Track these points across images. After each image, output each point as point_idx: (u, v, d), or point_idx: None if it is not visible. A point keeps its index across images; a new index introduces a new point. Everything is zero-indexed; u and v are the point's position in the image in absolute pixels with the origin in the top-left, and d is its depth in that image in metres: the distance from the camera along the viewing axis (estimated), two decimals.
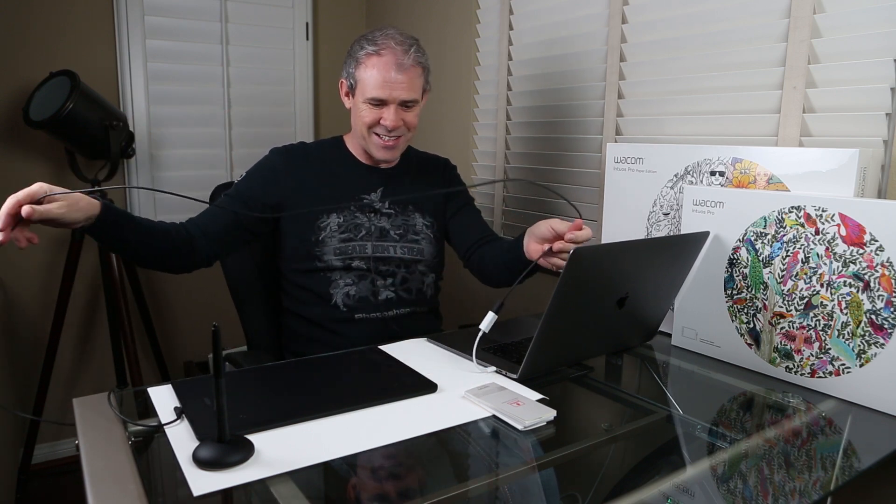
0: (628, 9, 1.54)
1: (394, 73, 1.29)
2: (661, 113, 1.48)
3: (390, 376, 1.04)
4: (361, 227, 1.38)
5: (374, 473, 0.76)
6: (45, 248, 2.19)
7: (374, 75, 1.30)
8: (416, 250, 1.42)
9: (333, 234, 1.36)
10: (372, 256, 1.37)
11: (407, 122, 1.35)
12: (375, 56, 1.30)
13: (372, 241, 1.38)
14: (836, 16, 1.15)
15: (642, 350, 1.24)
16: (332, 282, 1.36)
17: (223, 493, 0.69)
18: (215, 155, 2.40)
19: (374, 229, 1.39)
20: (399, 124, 1.33)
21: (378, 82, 1.30)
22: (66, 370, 2.27)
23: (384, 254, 1.38)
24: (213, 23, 2.33)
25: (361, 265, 1.37)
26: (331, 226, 1.36)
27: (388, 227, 1.40)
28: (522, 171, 1.91)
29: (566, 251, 1.15)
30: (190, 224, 1.30)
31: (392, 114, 1.32)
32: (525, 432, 0.86)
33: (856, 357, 0.98)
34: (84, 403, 0.92)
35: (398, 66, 1.29)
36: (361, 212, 1.39)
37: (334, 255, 1.35)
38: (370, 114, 1.33)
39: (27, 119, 1.86)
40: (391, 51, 1.30)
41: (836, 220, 0.99)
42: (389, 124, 1.32)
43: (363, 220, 1.39)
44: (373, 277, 1.38)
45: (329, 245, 1.35)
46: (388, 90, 1.30)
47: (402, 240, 1.41)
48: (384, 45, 1.30)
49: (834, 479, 0.77)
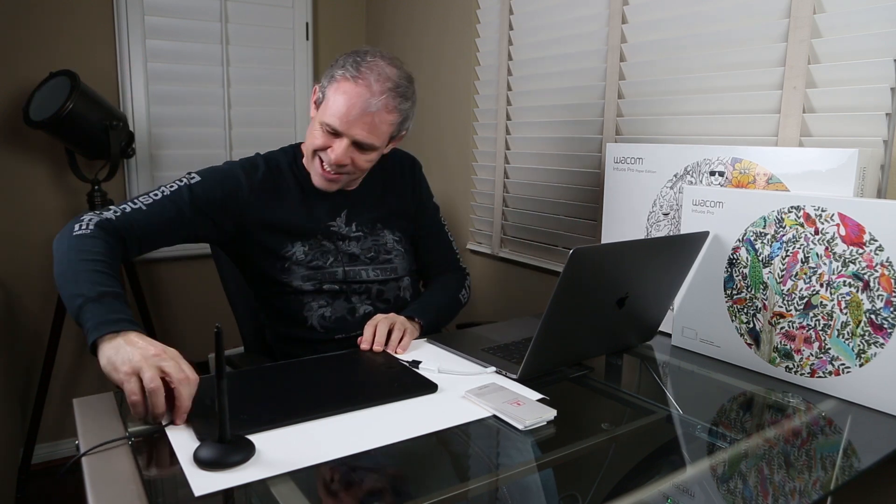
0: (628, 9, 1.54)
1: (358, 110, 1.17)
2: (661, 113, 1.48)
3: (391, 376, 1.04)
4: (329, 253, 1.30)
5: (375, 474, 0.76)
6: (45, 248, 2.19)
7: (339, 102, 1.17)
8: (389, 269, 1.35)
9: (300, 262, 1.28)
10: (344, 280, 1.30)
11: (356, 163, 1.23)
12: (350, 82, 1.17)
13: (343, 267, 1.30)
14: (836, 16, 1.15)
15: (642, 350, 1.25)
16: (305, 304, 1.29)
17: (224, 493, 0.69)
18: (215, 155, 2.40)
19: (343, 256, 1.31)
20: (345, 162, 1.21)
21: (338, 111, 1.17)
22: (66, 370, 2.27)
23: (357, 278, 1.31)
24: (213, 23, 2.33)
25: (334, 286, 1.29)
26: (296, 255, 1.28)
27: (357, 251, 1.32)
28: (522, 170, 1.92)
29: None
30: (121, 226, 1.11)
31: (342, 149, 1.19)
32: (525, 432, 0.86)
33: (855, 357, 0.98)
34: (84, 403, 0.92)
35: (366, 104, 1.16)
36: (328, 239, 1.30)
37: (303, 280, 1.28)
38: (321, 138, 1.21)
39: (27, 119, 1.86)
40: (367, 85, 1.17)
41: (836, 219, 0.99)
42: (333, 157, 1.20)
43: (330, 247, 1.30)
44: (347, 295, 1.31)
45: (296, 273, 1.28)
46: (344, 124, 1.18)
47: (374, 262, 1.34)
48: (365, 74, 1.17)
49: (834, 479, 0.77)
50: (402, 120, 1.24)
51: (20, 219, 2.13)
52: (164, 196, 1.19)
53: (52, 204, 2.18)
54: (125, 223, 1.12)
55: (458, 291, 1.45)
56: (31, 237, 2.16)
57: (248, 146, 2.45)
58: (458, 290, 1.45)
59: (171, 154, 2.33)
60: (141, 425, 0.84)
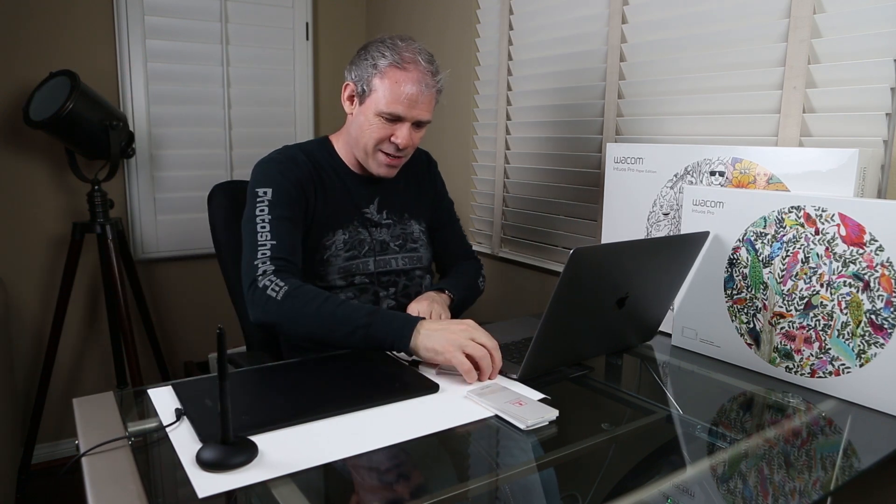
0: (628, 9, 1.54)
1: (418, 92, 1.23)
2: (661, 113, 1.48)
3: (393, 377, 1.04)
4: (364, 242, 1.35)
5: (378, 474, 0.76)
6: (45, 248, 2.19)
7: (396, 90, 1.22)
8: (415, 258, 1.42)
9: (339, 252, 1.32)
10: (375, 272, 1.36)
11: (415, 142, 1.30)
12: (400, 70, 1.22)
13: (374, 257, 1.35)
14: (836, 16, 1.15)
15: (642, 350, 1.25)
16: None
17: (227, 494, 0.69)
18: (215, 155, 2.40)
19: (376, 244, 1.36)
20: (410, 143, 1.28)
21: (398, 98, 1.22)
22: (66, 370, 2.27)
23: (386, 268, 1.37)
24: (213, 23, 2.33)
25: (364, 280, 1.35)
26: (336, 243, 1.32)
27: (387, 238, 1.38)
28: (522, 170, 1.92)
29: None
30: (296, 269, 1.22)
31: (406, 132, 1.26)
32: (527, 432, 0.86)
33: (856, 357, 0.98)
34: (84, 403, 0.92)
35: (425, 85, 1.23)
36: (364, 226, 1.36)
37: (338, 274, 1.32)
38: (381, 129, 1.26)
39: (27, 119, 1.86)
40: (418, 68, 1.23)
41: (836, 220, 0.99)
42: (401, 142, 1.26)
43: (365, 234, 1.36)
44: (375, 290, 1.36)
45: (334, 265, 1.32)
46: (409, 108, 1.23)
47: (402, 250, 1.40)
48: (411, 59, 1.23)
49: (834, 479, 0.77)
50: (438, 95, 1.31)
51: (20, 219, 2.14)
52: (270, 219, 1.23)
53: (52, 204, 2.18)
54: (283, 254, 1.20)
55: (477, 278, 1.51)
56: (31, 237, 2.16)
57: (248, 146, 2.45)
58: (476, 276, 1.51)
59: (171, 154, 2.33)
60: (141, 425, 0.85)
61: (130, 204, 2.28)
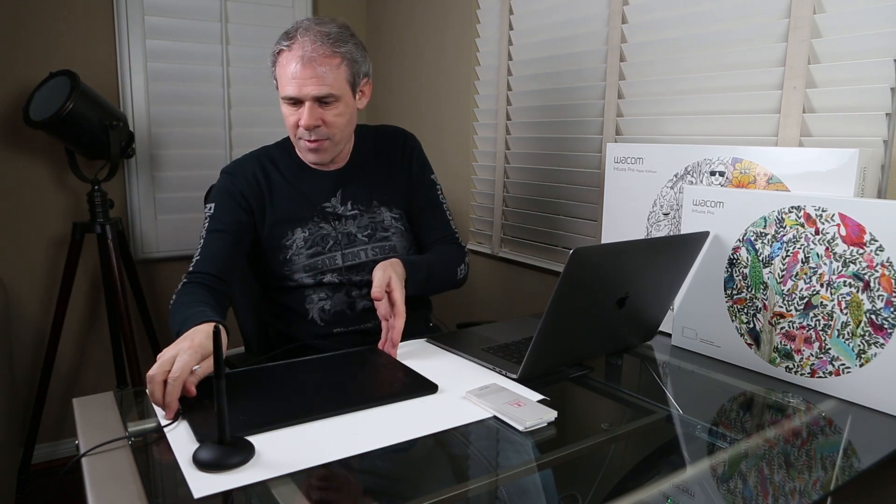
0: (628, 9, 1.54)
1: (300, 68, 1.19)
2: (661, 113, 1.48)
3: (391, 377, 1.04)
4: (328, 237, 1.32)
5: (375, 475, 0.76)
6: (45, 248, 2.19)
7: (284, 72, 1.21)
8: (387, 248, 1.35)
9: (300, 250, 1.30)
10: (343, 267, 1.32)
11: (326, 121, 1.24)
12: (287, 51, 1.21)
13: (342, 251, 1.32)
14: (836, 16, 1.15)
15: (642, 350, 1.25)
16: (306, 297, 1.32)
17: (223, 494, 0.69)
18: (215, 155, 2.40)
19: (342, 237, 1.33)
20: (317, 123, 1.23)
21: (287, 79, 1.21)
22: (66, 370, 2.27)
23: (355, 260, 1.33)
24: (213, 23, 2.33)
25: (333, 279, 1.31)
26: (297, 242, 1.31)
27: (354, 230, 1.34)
28: (522, 170, 1.92)
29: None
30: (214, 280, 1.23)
31: (306, 113, 1.22)
32: (525, 433, 0.86)
33: (856, 357, 0.98)
34: (84, 403, 0.92)
35: (306, 59, 1.19)
36: (325, 221, 1.32)
37: (304, 272, 1.31)
38: (290, 115, 1.25)
39: (27, 119, 1.86)
40: (299, 43, 1.20)
41: (836, 220, 0.99)
42: (304, 123, 1.22)
43: (328, 229, 1.32)
44: (347, 289, 1.33)
45: (297, 263, 1.30)
46: (300, 87, 1.20)
47: (372, 240, 1.34)
48: (296, 37, 1.20)
49: (834, 479, 0.77)
50: (349, 63, 1.24)
51: (20, 219, 2.14)
52: (205, 234, 1.28)
53: (52, 204, 2.18)
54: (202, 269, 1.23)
55: (457, 265, 1.40)
56: (31, 237, 2.16)
57: (248, 146, 2.42)
58: (456, 262, 1.40)
59: (171, 154, 2.33)
60: (141, 425, 0.85)
61: (130, 204, 2.28)
